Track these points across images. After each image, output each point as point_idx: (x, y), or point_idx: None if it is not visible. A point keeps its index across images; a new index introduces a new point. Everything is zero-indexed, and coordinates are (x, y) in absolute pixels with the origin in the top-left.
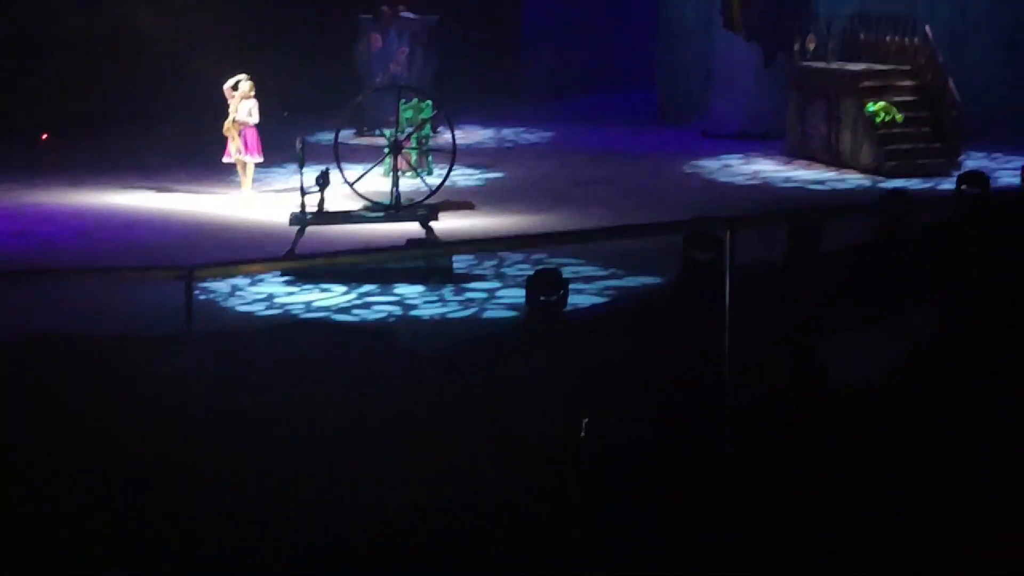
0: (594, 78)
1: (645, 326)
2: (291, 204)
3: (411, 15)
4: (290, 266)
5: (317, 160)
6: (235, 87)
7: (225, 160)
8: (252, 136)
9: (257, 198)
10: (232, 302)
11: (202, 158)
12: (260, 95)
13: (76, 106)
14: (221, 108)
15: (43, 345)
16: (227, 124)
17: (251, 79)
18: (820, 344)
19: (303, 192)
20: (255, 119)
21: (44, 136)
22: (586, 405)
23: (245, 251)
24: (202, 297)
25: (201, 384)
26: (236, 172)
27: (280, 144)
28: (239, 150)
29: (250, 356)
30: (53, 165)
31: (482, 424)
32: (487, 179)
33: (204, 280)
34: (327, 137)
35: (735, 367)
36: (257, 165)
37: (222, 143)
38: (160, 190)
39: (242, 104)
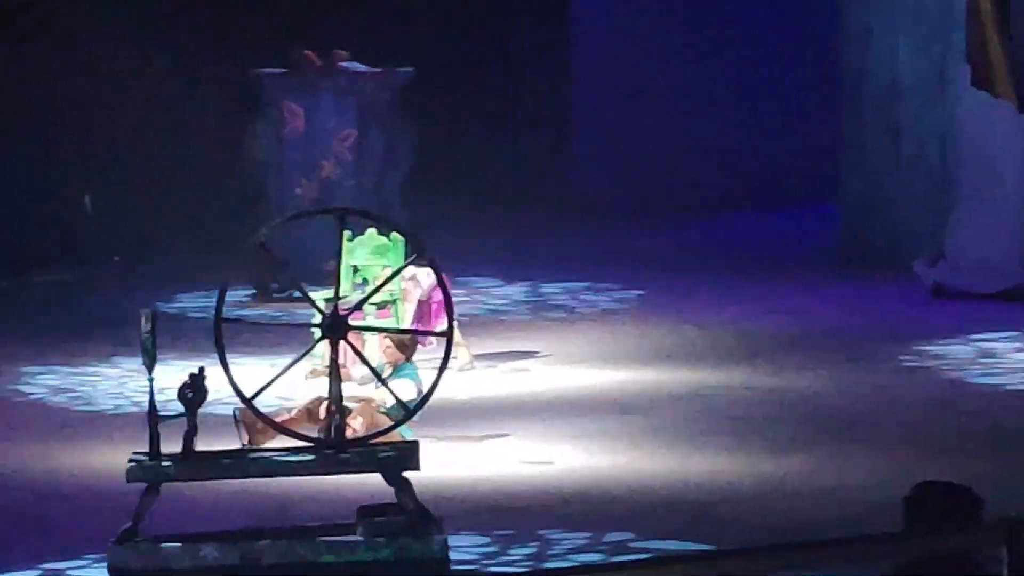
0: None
1: None
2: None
3: (361, 67)
4: None
5: (184, 350)
6: None
7: None
8: None
9: None
10: None
11: None
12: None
13: None
14: None
15: None
16: None
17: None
18: None
19: (155, 417)
20: None
21: None
22: None
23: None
24: None
25: None
26: None
27: (113, 317)
28: None
29: None
30: None
31: None
32: (516, 383)
33: None
34: (202, 304)
35: None
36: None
37: None
38: None
39: None
